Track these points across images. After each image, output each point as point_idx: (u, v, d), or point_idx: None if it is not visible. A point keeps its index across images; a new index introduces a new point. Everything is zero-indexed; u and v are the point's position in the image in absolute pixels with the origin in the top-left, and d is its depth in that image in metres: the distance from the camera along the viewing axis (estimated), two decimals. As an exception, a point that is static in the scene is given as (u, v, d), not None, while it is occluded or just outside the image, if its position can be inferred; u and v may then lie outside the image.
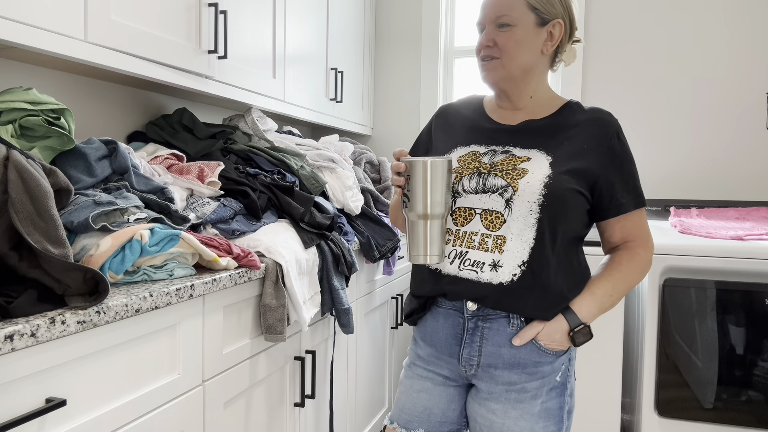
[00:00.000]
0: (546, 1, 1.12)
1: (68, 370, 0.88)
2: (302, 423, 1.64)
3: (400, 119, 2.96)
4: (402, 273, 2.52)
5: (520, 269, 1.09)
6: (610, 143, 1.14)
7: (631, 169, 1.17)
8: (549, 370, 1.13)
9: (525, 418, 1.12)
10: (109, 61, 1.26)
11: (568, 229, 1.13)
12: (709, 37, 2.49)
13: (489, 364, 1.14)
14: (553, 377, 1.13)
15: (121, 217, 1.09)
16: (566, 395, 1.15)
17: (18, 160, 0.90)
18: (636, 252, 1.17)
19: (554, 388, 1.13)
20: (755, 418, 1.75)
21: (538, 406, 1.12)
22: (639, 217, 1.18)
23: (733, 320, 1.76)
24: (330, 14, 2.39)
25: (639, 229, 1.18)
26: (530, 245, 1.09)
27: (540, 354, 1.12)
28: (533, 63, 1.15)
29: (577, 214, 1.13)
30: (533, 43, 1.13)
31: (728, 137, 2.49)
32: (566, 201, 1.10)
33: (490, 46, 1.14)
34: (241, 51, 1.77)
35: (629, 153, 1.17)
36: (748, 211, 2.22)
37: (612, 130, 1.15)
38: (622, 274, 1.15)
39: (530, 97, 1.20)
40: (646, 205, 1.19)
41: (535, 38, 1.13)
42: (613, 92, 2.62)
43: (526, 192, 1.09)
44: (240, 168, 1.64)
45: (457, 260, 1.14)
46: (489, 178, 1.13)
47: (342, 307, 1.63)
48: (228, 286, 1.21)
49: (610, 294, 1.14)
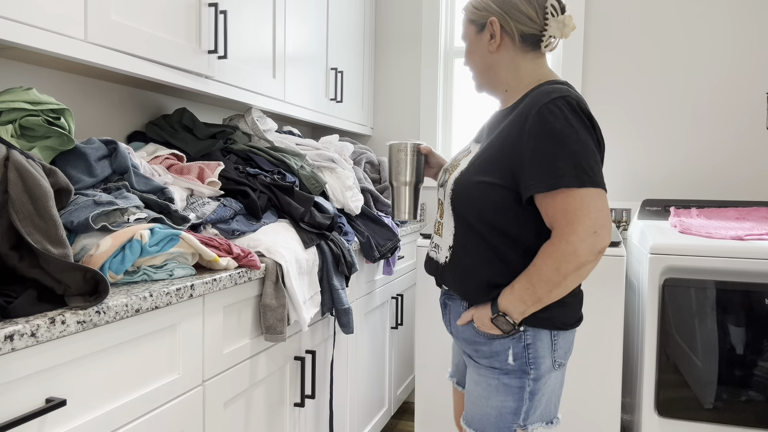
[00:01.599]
0: (477, 10, 1.24)
1: (68, 370, 0.88)
2: (302, 423, 1.64)
3: (400, 119, 2.96)
4: (402, 273, 2.52)
5: (450, 252, 1.26)
6: (525, 123, 1.12)
7: (548, 148, 1.09)
8: (487, 350, 1.24)
9: (483, 387, 1.25)
10: (109, 61, 1.26)
11: (485, 219, 1.18)
12: (710, 37, 2.49)
13: (455, 335, 1.33)
14: (503, 359, 1.22)
15: (121, 217, 1.10)
16: (528, 378, 1.21)
17: (18, 160, 0.90)
18: (551, 242, 1.11)
19: (512, 371, 1.22)
20: (755, 418, 1.75)
21: (495, 380, 1.24)
22: (562, 201, 1.09)
23: (733, 320, 1.76)
24: (330, 14, 2.39)
25: (560, 214, 1.09)
26: (452, 233, 1.25)
27: (476, 335, 1.25)
28: (487, 63, 1.27)
29: (486, 204, 1.17)
30: (479, 48, 1.27)
31: (728, 137, 2.49)
32: (469, 194, 1.18)
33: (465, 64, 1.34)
34: (241, 51, 1.77)
35: (548, 131, 1.09)
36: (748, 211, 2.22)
37: (533, 110, 1.12)
38: (536, 268, 1.12)
39: (505, 91, 1.28)
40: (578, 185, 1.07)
41: (479, 44, 1.26)
42: (613, 92, 2.62)
43: (447, 186, 1.25)
44: (240, 168, 1.64)
45: (431, 243, 1.37)
46: (445, 173, 1.31)
47: (342, 307, 1.63)
48: (228, 286, 1.21)
49: (527, 287, 1.14)
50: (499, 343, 1.21)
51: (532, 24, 1.20)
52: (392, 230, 2.09)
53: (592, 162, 1.09)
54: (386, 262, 2.23)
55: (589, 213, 1.08)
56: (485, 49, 1.25)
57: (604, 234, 1.08)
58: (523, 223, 1.17)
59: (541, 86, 1.18)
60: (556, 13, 1.19)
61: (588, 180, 1.08)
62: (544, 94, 1.13)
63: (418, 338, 2.12)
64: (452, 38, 2.94)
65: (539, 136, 1.10)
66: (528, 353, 1.20)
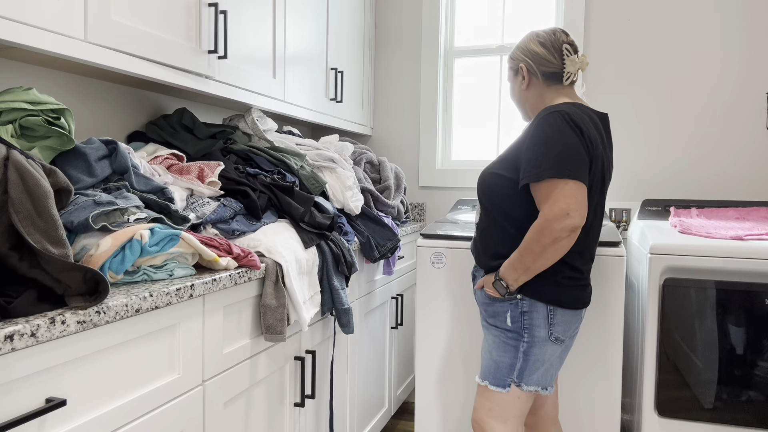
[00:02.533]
0: (511, 59, 1.61)
1: (68, 370, 0.88)
2: (302, 423, 1.64)
3: (400, 119, 2.96)
4: (402, 273, 2.52)
5: (478, 232, 1.60)
6: (527, 131, 1.47)
7: (539, 148, 1.38)
8: (492, 310, 1.54)
9: (489, 343, 1.56)
10: (109, 61, 1.26)
11: (494, 203, 1.52)
12: (709, 36, 2.49)
13: (477, 300, 1.62)
14: (502, 320, 1.51)
15: (121, 217, 1.09)
16: (522, 341, 1.49)
17: (18, 160, 0.90)
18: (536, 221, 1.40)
19: (510, 331, 1.50)
20: (755, 418, 1.75)
21: (497, 338, 1.53)
22: (545, 188, 1.38)
23: (733, 320, 1.76)
24: (330, 14, 2.39)
25: (543, 199, 1.38)
26: (479, 216, 1.60)
27: (486, 297, 1.55)
28: (522, 99, 1.61)
29: (500, 193, 1.50)
30: (515, 88, 1.62)
31: (728, 137, 2.49)
32: (486, 184, 1.53)
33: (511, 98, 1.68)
34: (241, 51, 1.77)
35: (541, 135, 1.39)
36: (748, 211, 2.22)
37: (536, 120, 1.44)
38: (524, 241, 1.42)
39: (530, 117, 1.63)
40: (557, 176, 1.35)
41: (515, 84, 1.62)
42: (613, 92, 2.62)
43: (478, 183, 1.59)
44: (240, 168, 1.64)
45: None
46: None
47: (342, 307, 1.63)
48: (228, 286, 1.21)
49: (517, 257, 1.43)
50: (499, 306, 1.51)
51: (552, 65, 1.53)
52: (392, 230, 2.09)
53: (574, 160, 1.37)
54: (386, 262, 2.23)
55: (565, 197, 1.36)
56: (519, 87, 1.60)
57: (575, 216, 1.35)
58: (519, 206, 1.48)
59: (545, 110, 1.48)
60: (570, 54, 1.52)
61: (567, 173, 1.35)
62: (546, 110, 1.45)
63: (418, 338, 2.12)
64: (452, 38, 2.94)
65: (534, 139, 1.41)
66: (524, 319, 1.48)
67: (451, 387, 2.08)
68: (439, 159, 2.94)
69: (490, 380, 1.53)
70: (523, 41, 1.58)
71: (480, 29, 2.91)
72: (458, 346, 2.07)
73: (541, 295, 1.46)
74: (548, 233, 1.36)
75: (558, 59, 1.52)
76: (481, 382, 1.56)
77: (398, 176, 2.47)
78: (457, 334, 2.06)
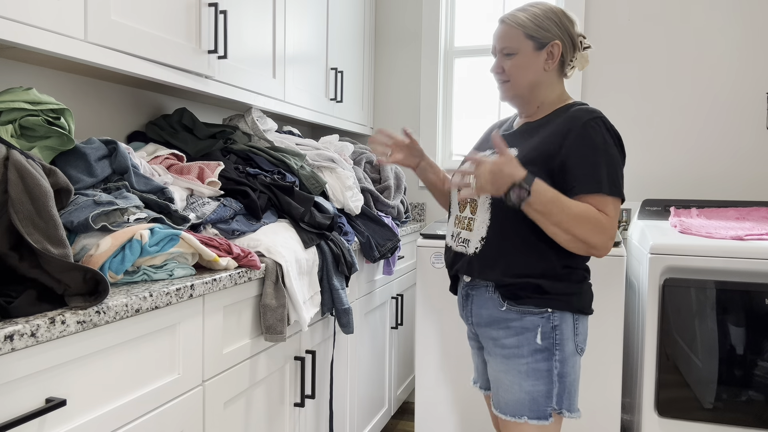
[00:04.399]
0: (540, 29, 1.33)
1: (68, 370, 0.88)
2: (302, 423, 1.64)
3: (400, 119, 2.96)
4: (402, 273, 2.52)
5: (480, 243, 1.35)
6: (572, 134, 1.28)
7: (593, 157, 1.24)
8: (519, 327, 1.32)
9: (512, 374, 1.33)
10: (109, 61, 1.26)
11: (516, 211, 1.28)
12: (710, 36, 2.49)
13: (477, 323, 1.41)
14: (531, 338, 1.31)
15: (121, 217, 1.09)
16: (554, 360, 1.31)
17: (18, 160, 0.90)
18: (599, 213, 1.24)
19: (538, 351, 1.31)
20: (755, 418, 1.75)
21: (524, 365, 1.32)
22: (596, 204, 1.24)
23: (733, 320, 1.76)
24: (330, 14, 2.39)
25: None
26: (486, 224, 1.34)
27: (507, 312, 1.34)
28: (538, 80, 1.36)
29: None
30: (534, 65, 1.35)
31: (728, 137, 2.49)
32: None
33: (500, 72, 1.38)
34: (241, 51, 1.77)
35: (590, 143, 1.25)
36: (748, 211, 2.22)
37: (579, 122, 1.28)
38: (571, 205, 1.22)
39: (537, 107, 1.40)
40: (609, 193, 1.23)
41: (536, 60, 1.34)
42: (613, 92, 2.62)
43: None
44: (240, 168, 1.64)
45: (457, 238, 1.43)
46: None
47: (342, 307, 1.63)
48: (228, 286, 1.21)
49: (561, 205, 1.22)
50: (529, 320, 1.31)
51: (573, 54, 1.38)
52: (392, 230, 2.09)
53: (620, 174, 1.28)
54: (386, 262, 2.23)
55: (613, 222, 1.25)
56: (540, 66, 1.35)
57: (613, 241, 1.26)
58: None
59: (575, 105, 1.35)
60: (580, 48, 1.39)
61: (616, 191, 1.25)
62: (585, 112, 1.29)
63: (418, 338, 2.12)
64: (452, 38, 2.94)
65: (583, 146, 1.26)
66: (555, 334, 1.31)
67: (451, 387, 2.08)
68: (439, 159, 2.94)
69: (529, 415, 1.32)
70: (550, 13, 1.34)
71: (480, 29, 2.91)
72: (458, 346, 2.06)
73: (570, 305, 1.31)
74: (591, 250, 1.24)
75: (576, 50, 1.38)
76: (518, 420, 1.33)
77: (398, 176, 2.47)
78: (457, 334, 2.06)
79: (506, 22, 1.35)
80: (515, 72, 1.35)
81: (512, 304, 1.33)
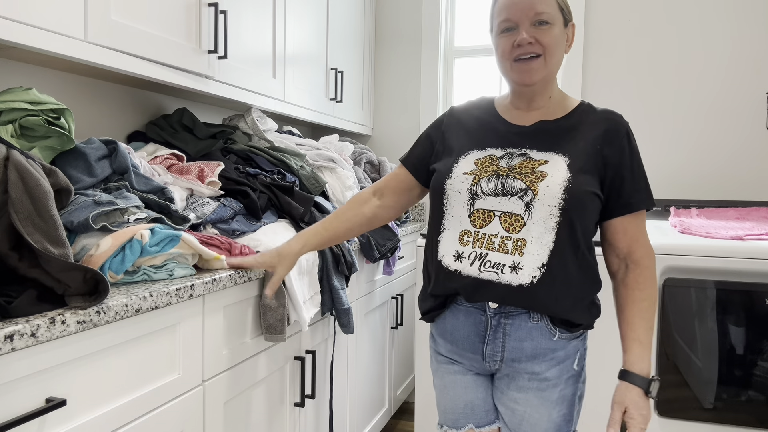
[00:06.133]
0: (566, 4, 1.16)
1: (68, 370, 0.88)
2: (302, 423, 1.63)
3: (400, 119, 2.96)
4: (402, 273, 2.52)
5: (540, 271, 1.10)
6: (621, 142, 1.15)
7: (641, 169, 1.17)
8: (563, 355, 1.16)
9: (545, 406, 1.16)
10: (109, 61, 1.26)
11: (587, 231, 1.14)
12: (710, 36, 2.49)
13: (513, 358, 1.16)
14: (570, 364, 1.17)
15: (121, 217, 1.09)
16: (580, 382, 1.20)
17: (18, 160, 0.90)
18: (646, 266, 1.16)
19: (572, 376, 1.17)
20: (755, 418, 1.75)
21: (556, 393, 1.16)
22: (642, 219, 1.18)
23: (733, 320, 1.76)
24: (330, 14, 2.39)
25: (642, 233, 1.17)
26: (549, 248, 1.10)
27: (555, 342, 1.15)
28: (560, 61, 1.17)
29: (593, 216, 1.15)
30: (562, 43, 1.16)
31: (728, 137, 2.49)
32: (585, 204, 1.11)
33: (532, 43, 1.12)
34: (241, 51, 1.77)
35: (638, 153, 1.18)
36: (748, 211, 2.22)
37: (623, 129, 1.16)
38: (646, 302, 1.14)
39: (549, 97, 1.21)
40: (654, 206, 1.19)
41: (563, 38, 1.16)
42: (613, 92, 2.62)
43: (547, 195, 1.10)
44: (240, 168, 1.64)
45: (477, 262, 1.14)
46: (508, 180, 1.13)
47: (342, 307, 1.63)
48: (228, 286, 1.21)
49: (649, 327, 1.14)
50: (572, 346, 1.17)
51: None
52: (392, 230, 2.09)
53: None
54: (386, 262, 2.23)
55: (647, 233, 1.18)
56: (564, 47, 1.18)
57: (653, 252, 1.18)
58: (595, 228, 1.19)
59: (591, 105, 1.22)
60: None
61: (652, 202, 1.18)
62: (619, 116, 1.19)
63: (418, 338, 2.12)
64: (452, 38, 2.94)
65: (633, 156, 1.16)
66: (584, 356, 1.21)
67: (451, 387, 2.08)
68: (439, 159, 2.93)
69: None
70: None
71: (480, 29, 2.91)
72: (458, 346, 2.06)
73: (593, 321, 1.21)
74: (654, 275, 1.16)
75: None
76: None
77: (398, 176, 2.47)
78: (457, 334, 2.06)
79: None
80: (554, 45, 1.12)
81: (564, 332, 1.15)
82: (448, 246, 1.17)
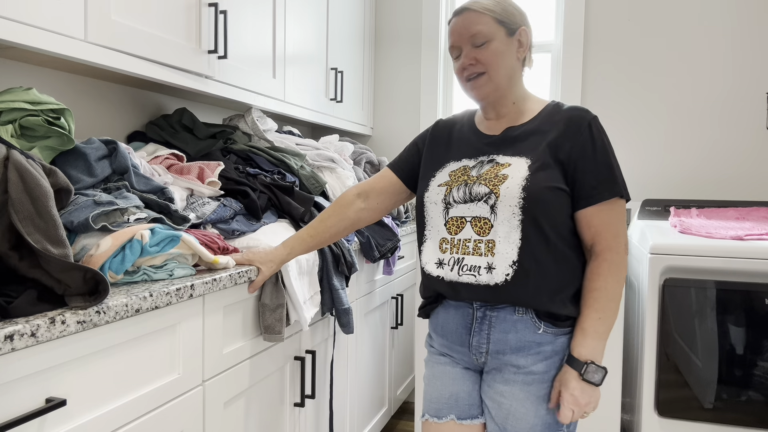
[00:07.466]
0: (508, 14, 1.22)
1: (68, 370, 0.88)
2: (302, 423, 1.64)
3: (400, 119, 2.96)
4: (402, 273, 2.52)
5: (512, 268, 1.16)
6: (582, 135, 1.18)
7: (607, 160, 1.17)
8: (550, 350, 1.19)
9: (531, 401, 1.19)
10: (109, 61, 1.26)
11: (555, 224, 1.17)
12: (710, 36, 2.49)
13: (497, 350, 1.21)
14: (558, 361, 1.20)
15: (121, 217, 1.09)
16: None
17: (18, 160, 0.90)
18: (604, 259, 1.17)
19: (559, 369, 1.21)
20: (755, 418, 1.75)
21: (544, 389, 1.19)
22: (610, 211, 1.17)
23: (733, 320, 1.76)
24: (330, 14, 2.39)
25: (608, 226, 1.17)
26: (518, 245, 1.16)
27: (540, 335, 1.19)
28: (513, 70, 1.23)
29: (559, 209, 1.17)
30: (510, 52, 1.22)
31: (728, 137, 2.49)
32: (546, 200, 1.15)
33: (473, 63, 1.21)
34: (241, 51, 1.77)
35: (605, 145, 1.19)
36: (748, 211, 2.22)
37: (585, 122, 1.19)
38: (600, 292, 1.16)
39: (513, 103, 1.27)
40: (624, 196, 1.17)
41: (510, 47, 1.22)
42: (612, 92, 2.62)
43: (507, 196, 1.16)
44: (240, 168, 1.64)
45: (456, 266, 1.21)
46: (474, 187, 1.21)
47: (342, 307, 1.63)
48: (228, 286, 1.21)
49: (599, 318, 1.16)
50: (561, 342, 1.20)
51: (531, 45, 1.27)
52: (392, 230, 2.09)
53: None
54: (386, 262, 2.23)
55: (624, 225, 1.18)
56: (514, 55, 1.22)
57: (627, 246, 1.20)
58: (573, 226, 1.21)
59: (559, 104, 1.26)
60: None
61: (627, 193, 1.19)
62: (582, 111, 1.21)
63: (418, 338, 2.12)
64: (452, 38, 2.94)
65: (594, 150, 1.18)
66: None
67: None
68: (439, 159, 2.94)
69: None
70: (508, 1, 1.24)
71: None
72: (458, 346, 2.06)
73: None
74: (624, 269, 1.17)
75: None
76: None
77: (398, 176, 2.47)
78: (457, 334, 2.06)
79: (472, 9, 1.21)
80: (494, 60, 1.19)
81: (549, 326, 1.18)
82: (430, 254, 1.26)
